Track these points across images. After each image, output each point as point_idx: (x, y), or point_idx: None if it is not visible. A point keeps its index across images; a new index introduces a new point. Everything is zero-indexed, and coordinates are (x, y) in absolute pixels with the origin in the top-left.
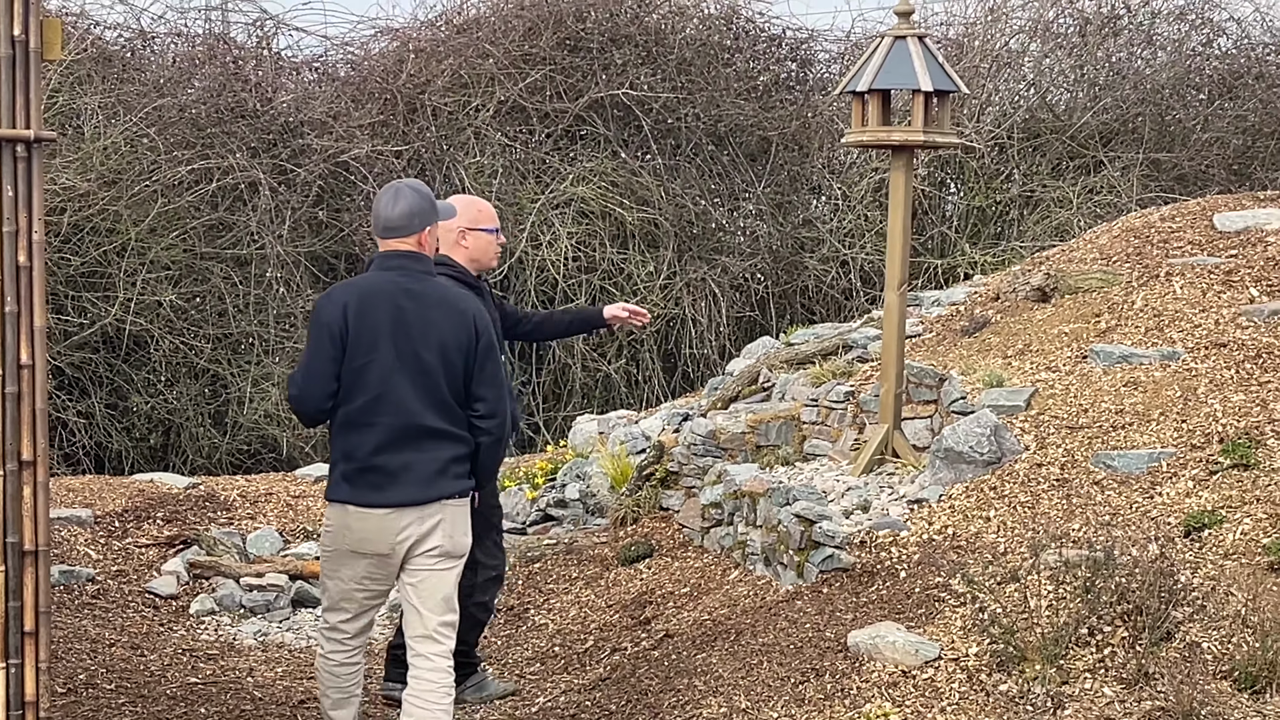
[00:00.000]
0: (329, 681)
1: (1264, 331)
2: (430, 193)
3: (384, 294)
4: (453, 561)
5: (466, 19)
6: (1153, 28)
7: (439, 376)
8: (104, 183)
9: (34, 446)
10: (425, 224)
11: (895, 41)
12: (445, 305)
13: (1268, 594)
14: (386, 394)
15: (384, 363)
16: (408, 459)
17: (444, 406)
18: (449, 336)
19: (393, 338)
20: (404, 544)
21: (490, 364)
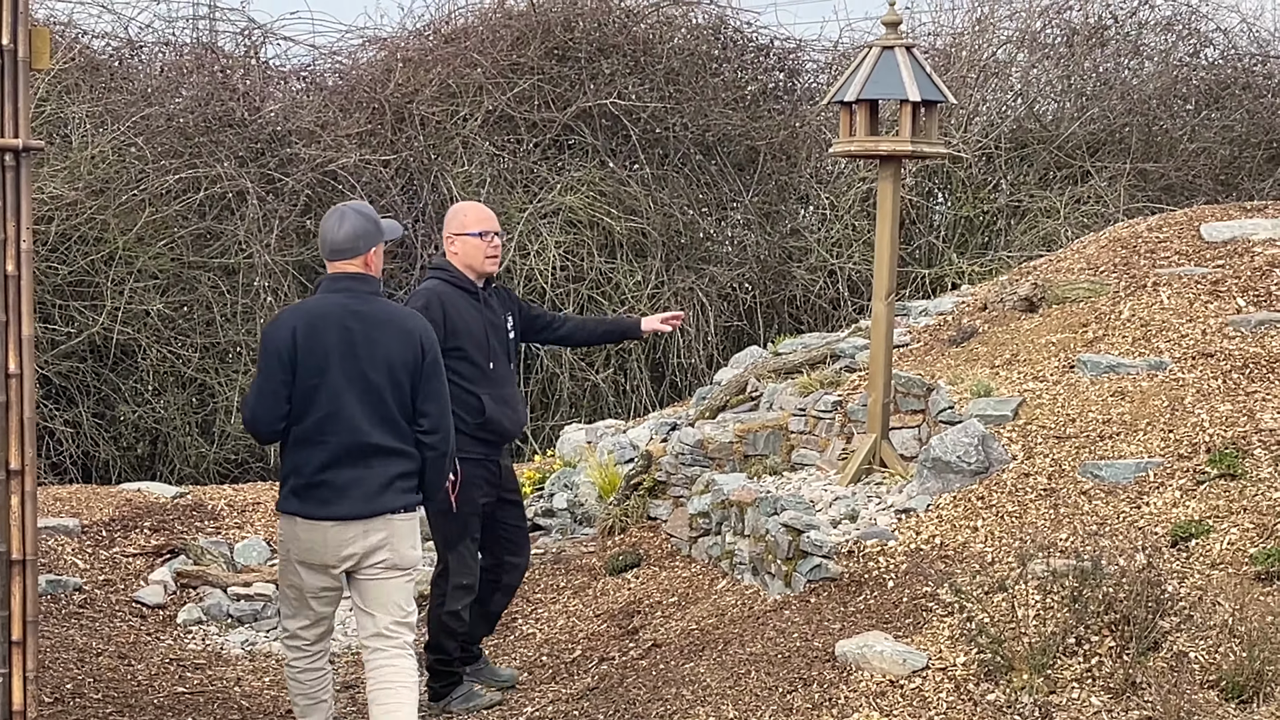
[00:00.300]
0: (296, 689)
1: (1251, 341)
2: (375, 214)
3: (331, 316)
4: (400, 572)
5: (454, 28)
6: (1139, 38)
7: (386, 395)
8: (91, 191)
9: (22, 455)
10: (370, 245)
11: (883, 52)
12: (391, 325)
13: (1254, 604)
14: (336, 413)
15: (333, 383)
16: (355, 475)
17: (391, 424)
18: (395, 355)
19: (340, 358)
20: (350, 557)
21: (436, 381)
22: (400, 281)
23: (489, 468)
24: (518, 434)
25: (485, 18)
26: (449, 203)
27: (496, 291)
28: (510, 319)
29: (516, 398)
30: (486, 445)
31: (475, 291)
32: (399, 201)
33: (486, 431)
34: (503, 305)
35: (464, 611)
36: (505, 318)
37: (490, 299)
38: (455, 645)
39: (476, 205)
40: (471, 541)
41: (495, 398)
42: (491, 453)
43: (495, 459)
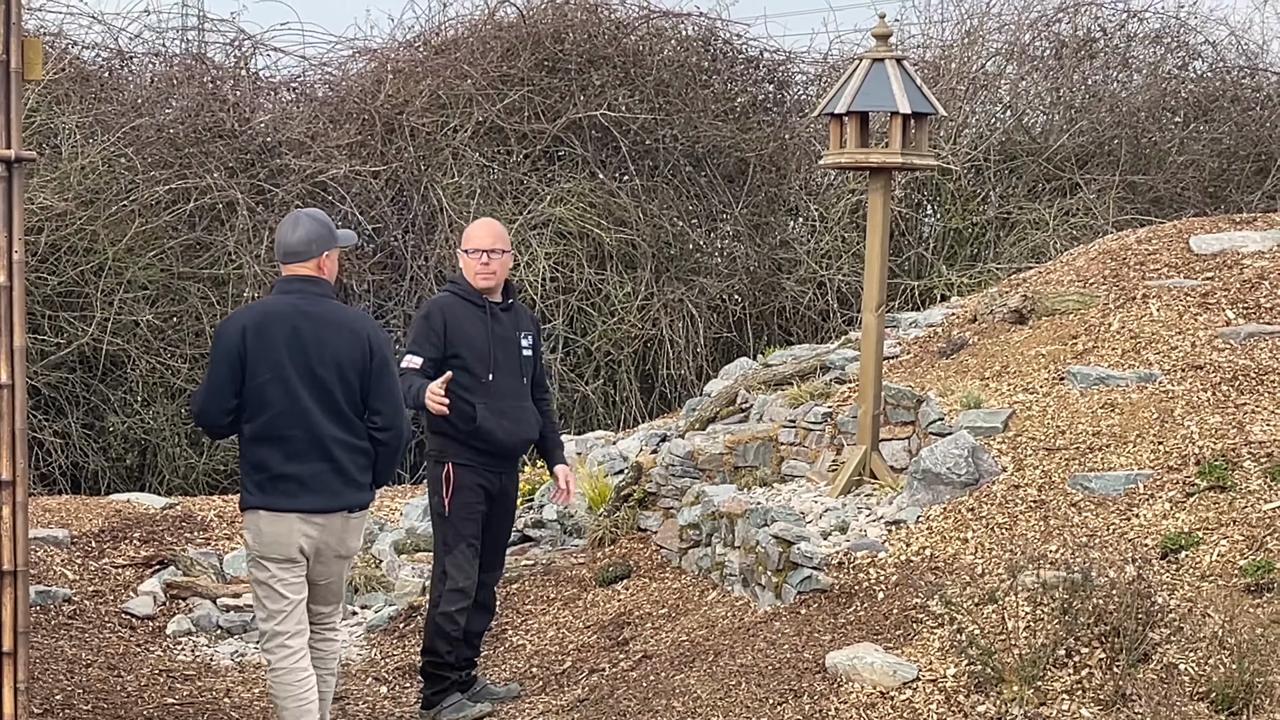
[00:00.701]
0: (283, 692)
1: (1240, 354)
2: (329, 221)
3: (282, 316)
4: (344, 563)
5: (444, 40)
6: (1128, 51)
7: (336, 392)
8: (81, 202)
9: (13, 466)
10: (322, 249)
11: (873, 64)
12: (340, 325)
13: (1244, 616)
14: (290, 409)
15: (285, 380)
16: (319, 468)
17: (344, 419)
18: (344, 354)
19: (290, 356)
20: (310, 547)
21: (386, 379)
22: (390, 293)
23: (485, 476)
24: (517, 447)
25: (475, 29)
26: (439, 214)
27: (519, 310)
28: (529, 338)
29: (521, 412)
30: (481, 454)
31: (482, 305)
32: (389, 212)
33: (478, 440)
34: (523, 324)
35: (458, 615)
36: (520, 335)
37: (504, 314)
38: (448, 648)
39: (482, 223)
40: (468, 546)
41: (492, 409)
42: (488, 463)
43: (494, 470)
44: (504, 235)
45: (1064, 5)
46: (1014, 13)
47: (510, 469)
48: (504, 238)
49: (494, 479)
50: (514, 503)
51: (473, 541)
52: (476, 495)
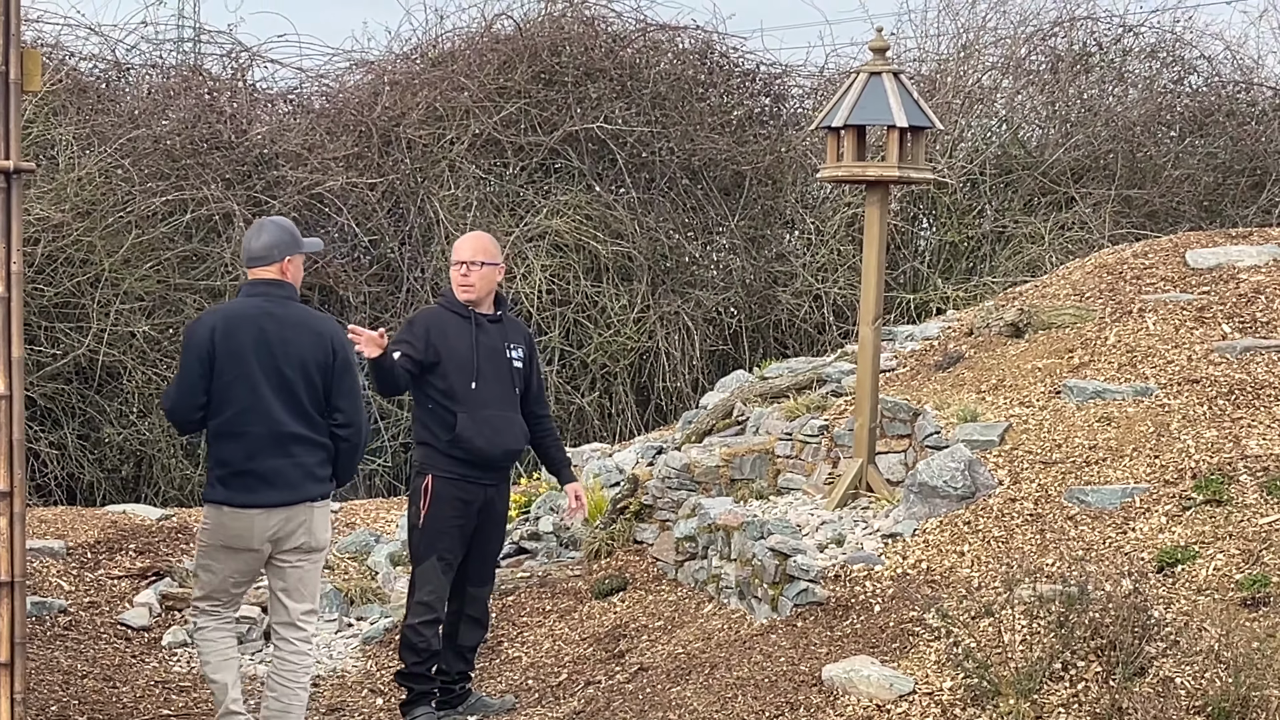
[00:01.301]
0: (206, 649)
1: (1236, 368)
2: (293, 228)
3: (248, 318)
4: (315, 555)
5: (441, 52)
6: (1124, 65)
7: (300, 390)
8: (78, 214)
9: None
10: (285, 254)
11: (870, 77)
12: (304, 326)
13: (1241, 630)
14: (254, 406)
15: (250, 378)
16: (277, 464)
17: (306, 416)
18: (307, 354)
19: (256, 356)
20: (272, 541)
21: (347, 379)
22: (386, 304)
23: (468, 488)
24: (499, 458)
25: (472, 42)
26: (435, 226)
27: (510, 323)
28: (520, 350)
29: (505, 423)
30: (463, 464)
31: (467, 316)
32: (385, 224)
33: (458, 449)
34: (513, 336)
35: (424, 628)
36: (508, 346)
37: (491, 325)
38: (415, 660)
39: (468, 236)
40: (438, 560)
41: (474, 418)
42: (471, 474)
43: (477, 481)
44: (488, 249)
45: (1060, 20)
46: (1010, 27)
47: (497, 480)
48: (487, 251)
49: (478, 491)
50: (503, 516)
51: (444, 555)
52: (455, 509)
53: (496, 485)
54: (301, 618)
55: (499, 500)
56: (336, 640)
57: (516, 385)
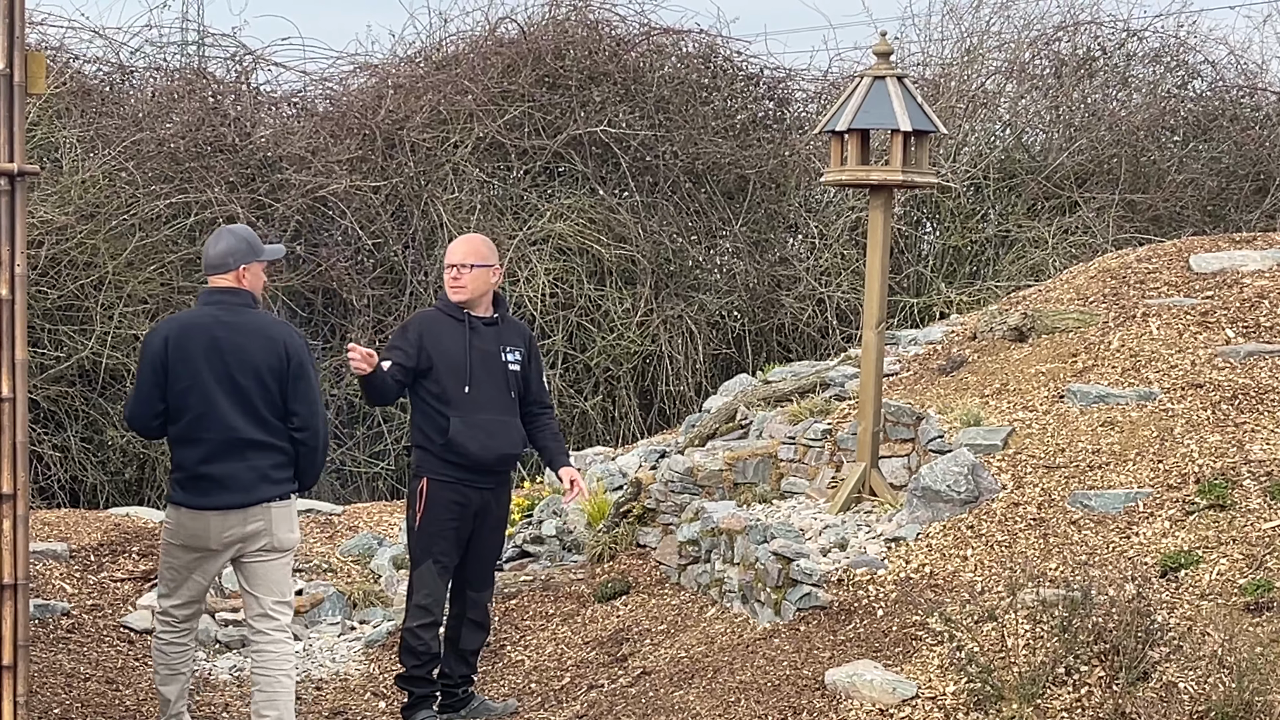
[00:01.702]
0: (159, 659)
1: (1240, 372)
2: (251, 237)
3: (201, 326)
4: (281, 553)
5: (445, 56)
6: (1128, 70)
7: (254, 396)
8: (82, 216)
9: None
10: (240, 262)
11: (874, 81)
12: (258, 333)
13: (1244, 635)
14: (208, 412)
15: (203, 386)
16: (231, 468)
17: (262, 421)
18: (260, 360)
19: (208, 363)
20: (232, 542)
21: (302, 383)
22: (389, 307)
23: (463, 492)
24: (493, 462)
25: (476, 45)
26: (439, 229)
27: (508, 325)
28: (517, 353)
29: (499, 427)
30: (457, 469)
31: (462, 319)
32: (389, 228)
33: (452, 454)
34: (509, 338)
35: (422, 631)
36: (504, 350)
37: (486, 328)
38: (415, 663)
39: (462, 238)
40: (434, 564)
41: (467, 421)
42: (466, 477)
43: (472, 485)
44: (480, 250)
45: (1064, 24)
46: (1014, 31)
47: (495, 484)
48: (479, 253)
49: (474, 495)
50: (502, 520)
51: (440, 559)
52: (450, 513)
53: (494, 489)
54: (273, 608)
55: (496, 505)
56: (339, 644)
57: (512, 389)
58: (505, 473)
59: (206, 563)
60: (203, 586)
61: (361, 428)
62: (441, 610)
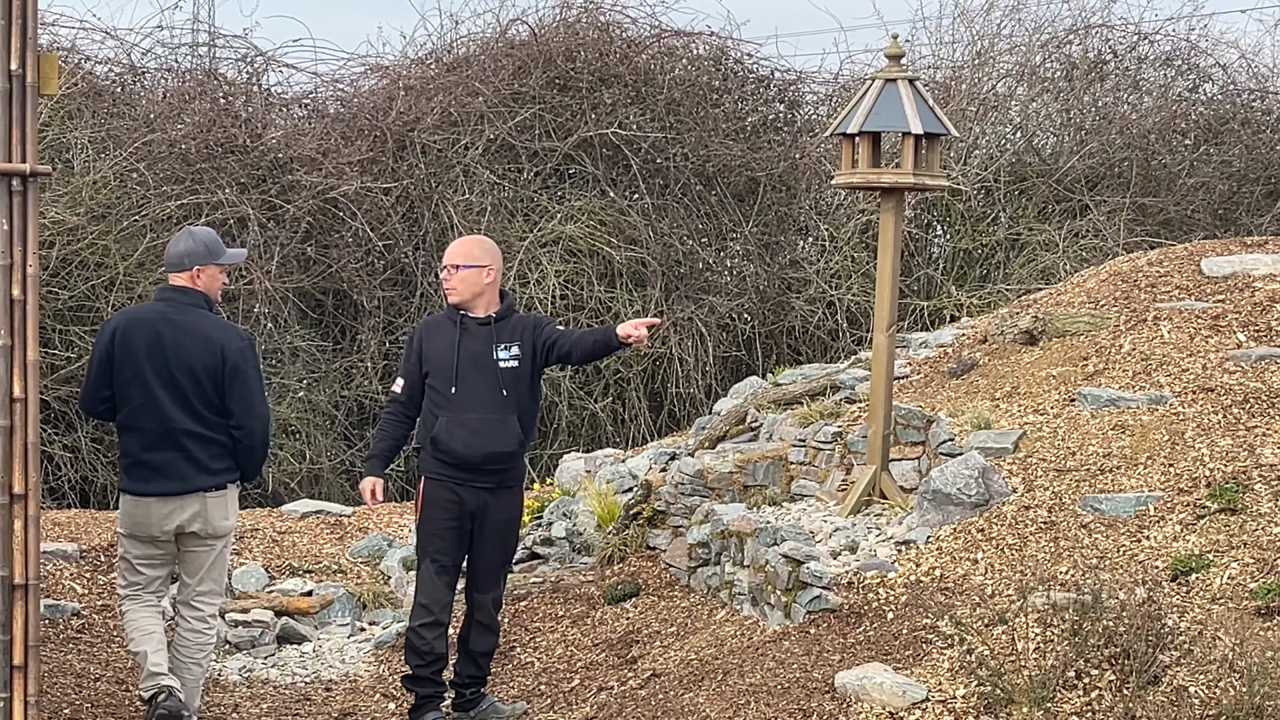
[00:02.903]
0: (129, 626)
1: (1251, 376)
2: (212, 240)
3: (146, 321)
4: (215, 541)
5: (456, 57)
6: (1139, 73)
7: (189, 392)
8: (93, 217)
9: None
10: (195, 263)
11: (885, 84)
12: (198, 334)
13: (1255, 638)
14: (147, 403)
15: (142, 378)
16: (168, 457)
17: (197, 414)
18: (197, 360)
19: (149, 357)
20: (169, 528)
21: (238, 385)
22: (400, 309)
23: (455, 491)
24: (478, 461)
25: (487, 47)
26: (449, 231)
27: (508, 323)
28: (514, 349)
29: (486, 425)
30: (447, 466)
31: (455, 320)
32: (400, 229)
33: (440, 452)
34: (505, 336)
35: (424, 630)
36: (496, 348)
37: (480, 328)
38: (418, 663)
39: (458, 240)
40: (431, 563)
41: (453, 420)
42: (457, 476)
43: (466, 483)
44: (471, 251)
45: (1074, 27)
46: (1025, 34)
47: (492, 484)
48: (470, 254)
49: (468, 494)
50: (505, 524)
51: (437, 558)
52: (446, 512)
53: (491, 490)
54: (198, 597)
55: (495, 507)
56: (349, 645)
57: (506, 387)
58: (500, 472)
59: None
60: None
61: (371, 429)
62: (443, 610)
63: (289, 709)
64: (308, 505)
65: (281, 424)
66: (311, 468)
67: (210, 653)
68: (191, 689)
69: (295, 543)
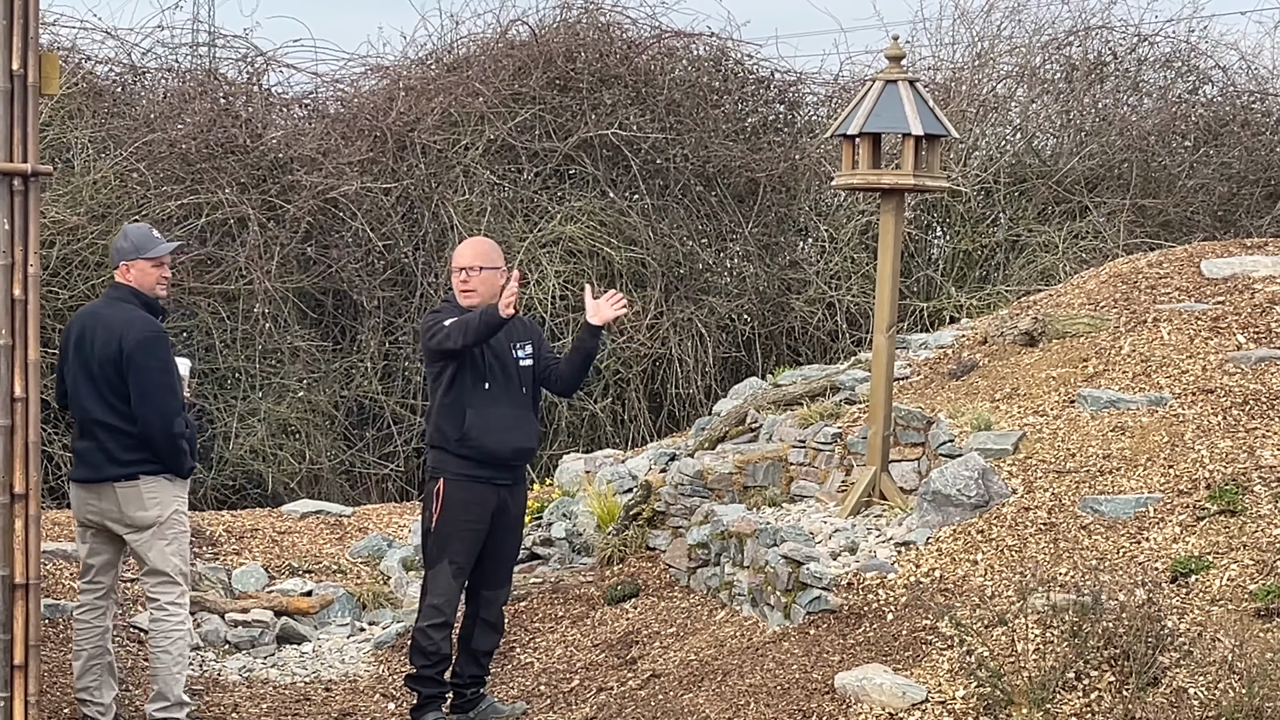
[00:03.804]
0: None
1: (1251, 378)
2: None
3: (80, 316)
4: (142, 534)
5: (456, 58)
6: (1139, 75)
7: (101, 383)
8: (93, 217)
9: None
10: (119, 259)
11: (886, 85)
12: (106, 326)
13: (1254, 640)
14: (73, 394)
15: (72, 370)
16: (85, 446)
17: (109, 405)
18: (103, 351)
19: (76, 349)
20: (89, 516)
21: (133, 374)
22: (400, 309)
23: (478, 491)
24: (509, 456)
25: (487, 47)
26: (449, 231)
27: (516, 322)
28: (528, 348)
29: (514, 421)
30: (474, 464)
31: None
32: (400, 229)
33: (467, 448)
34: (518, 335)
35: (434, 632)
36: (514, 346)
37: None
38: (424, 663)
39: (470, 241)
40: (450, 564)
41: (482, 415)
42: (482, 474)
43: (489, 482)
44: (488, 253)
45: (1074, 29)
46: (1025, 36)
47: (511, 480)
48: (487, 255)
49: (490, 493)
50: (518, 519)
51: (456, 559)
52: (468, 514)
53: (510, 486)
54: (153, 588)
55: (513, 503)
56: (349, 645)
57: (525, 384)
58: (521, 468)
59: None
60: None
61: (371, 429)
62: (454, 612)
63: (288, 709)
64: (307, 505)
65: (281, 424)
66: (311, 468)
67: (180, 640)
68: (165, 677)
69: (295, 543)
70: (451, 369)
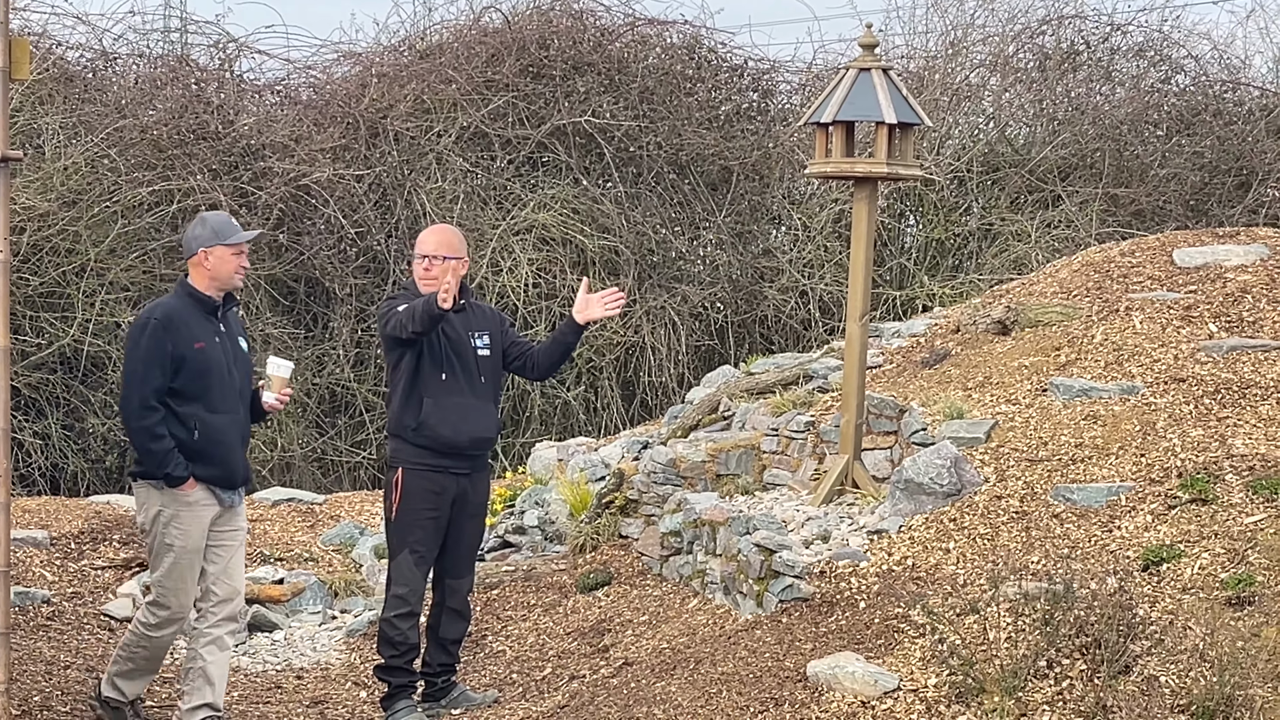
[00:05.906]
0: None
1: (1223, 367)
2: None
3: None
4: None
5: (430, 45)
6: (1111, 64)
7: None
8: (64, 203)
9: None
10: (199, 246)
11: (859, 74)
12: None
13: (1225, 628)
14: None
15: None
16: None
17: None
18: None
19: None
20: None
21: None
22: (372, 297)
23: (436, 480)
24: (466, 445)
25: (460, 34)
26: (422, 218)
27: (475, 310)
28: (486, 337)
29: (472, 409)
30: (431, 454)
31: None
32: (372, 217)
33: (424, 437)
34: (477, 324)
35: (400, 622)
36: (472, 335)
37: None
38: (393, 653)
39: (433, 229)
40: (411, 554)
41: (439, 404)
42: (440, 463)
43: (447, 471)
44: (452, 243)
45: (1048, 18)
46: (998, 25)
47: (470, 469)
48: (451, 245)
49: (449, 482)
50: (480, 508)
51: (417, 548)
52: (427, 502)
53: (469, 475)
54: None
55: (473, 492)
56: (320, 633)
57: (484, 374)
58: (480, 457)
59: None
60: None
61: (343, 417)
62: (419, 601)
63: (260, 697)
64: (279, 493)
65: None
66: (283, 455)
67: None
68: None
69: (267, 530)
70: (410, 357)
